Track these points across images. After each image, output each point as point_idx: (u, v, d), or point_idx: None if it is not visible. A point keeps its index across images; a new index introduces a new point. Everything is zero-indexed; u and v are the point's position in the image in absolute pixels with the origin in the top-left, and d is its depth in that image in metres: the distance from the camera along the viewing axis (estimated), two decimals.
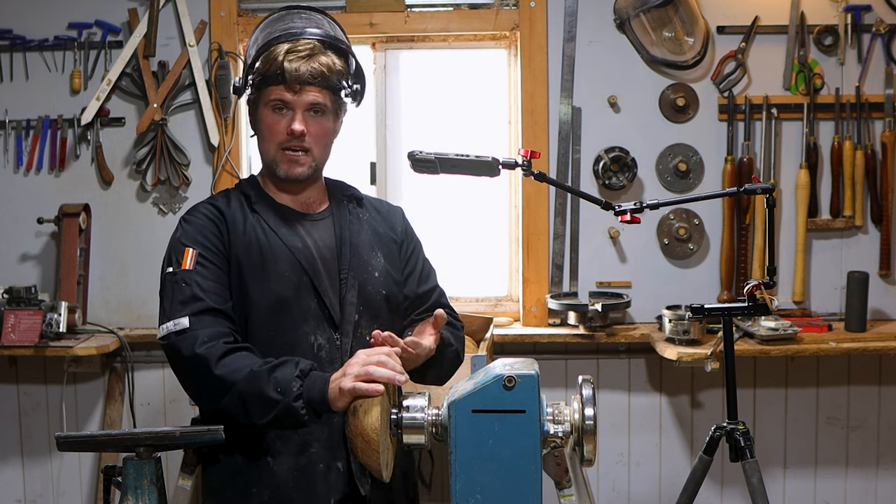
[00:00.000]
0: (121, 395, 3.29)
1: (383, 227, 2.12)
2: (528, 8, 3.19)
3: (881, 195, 3.19)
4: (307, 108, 1.95)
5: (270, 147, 1.98)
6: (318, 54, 1.95)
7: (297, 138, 1.95)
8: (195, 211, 2.00)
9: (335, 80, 1.98)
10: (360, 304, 1.98)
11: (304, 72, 1.92)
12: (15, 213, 3.28)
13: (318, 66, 1.94)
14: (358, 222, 2.07)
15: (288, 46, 1.94)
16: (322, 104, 1.97)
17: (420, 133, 3.36)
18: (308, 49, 1.94)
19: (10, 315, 3.01)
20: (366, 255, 2.03)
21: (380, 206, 2.18)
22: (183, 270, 1.88)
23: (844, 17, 3.17)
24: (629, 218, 2.23)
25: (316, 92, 1.95)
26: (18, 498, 3.37)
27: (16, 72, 3.24)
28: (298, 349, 1.90)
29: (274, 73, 1.93)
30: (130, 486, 1.71)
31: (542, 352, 3.24)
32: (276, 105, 1.95)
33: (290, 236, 1.97)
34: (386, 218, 2.14)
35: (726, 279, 3.22)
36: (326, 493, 1.92)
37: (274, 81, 1.94)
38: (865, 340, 3.00)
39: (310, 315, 1.92)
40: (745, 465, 2.40)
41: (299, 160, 1.97)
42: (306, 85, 1.93)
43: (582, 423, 1.52)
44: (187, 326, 1.83)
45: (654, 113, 3.22)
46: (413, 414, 1.56)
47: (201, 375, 1.81)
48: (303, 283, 1.93)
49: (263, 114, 1.98)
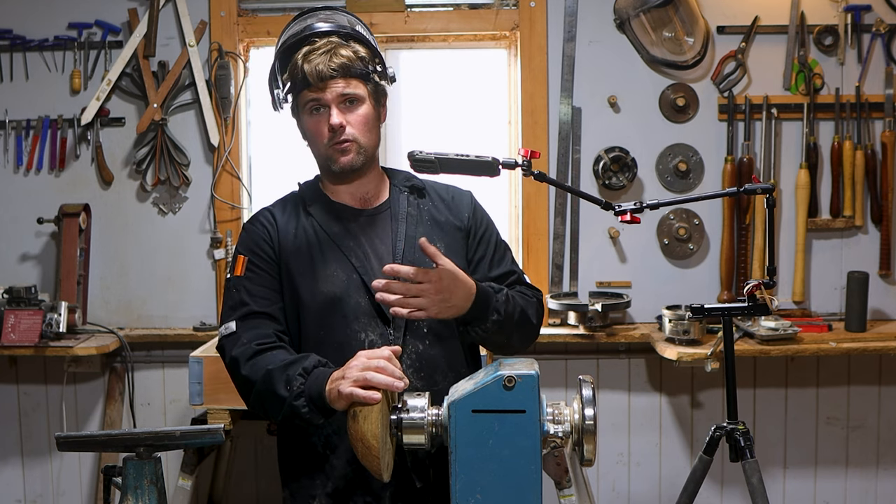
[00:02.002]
0: (121, 395, 3.29)
1: (446, 214, 2.10)
2: (528, 8, 3.19)
3: (881, 195, 3.19)
4: (340, 101, 1.97)
5: (320, 147, 2.00)
6: (337, 48, 1.96)
7: (338, 132, 1.96)
8: (254, 218, 2.07)
9: (359, 68, 1.98)
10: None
11: (324, 69, 1.94)
12: (15, 213, 3.28)
13: (338, 59, 1.95)
14: (417, 213, 2.07)
15: (307, 49, 1.96)
16: (353, 93, 1.97)
17: (420, 133, 3.36)
18: (325, 46, 1.96)
19: (10, 315, 3.01)
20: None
21: (445, 192, 2.16)
22: (235, 277, 1.97)
23: (844, 17, 3.17)
24: (629, 218, 2.23)
25: (343, 83, 1.96)
26: (18, 498, 3.37)
27: (16, 72, 3.24)
28: (349, 347, 1.90)
29: (298, 77, 1.96)
30: (130, 486, 1.71)
31: (542, 352, 3.24)
32: (312, 107, 1.98)
33: (342, 235, 2.00)
34: (451, 205, 2.13)
35: (726, 279, 3.22)
36: (381, 486, 1.92)
37: (301, 86, 1.97)
38: (865, 340, 3.00)
39: (360, 312, 1.94)
40: (745, 465, 2.40)
41: (347, 148, 1.98)
42: (330, 80, 1.95)
43: (582, 423, 1.52)
44: (234, 330, 1.90)
45: (654, 113, 3.22)
46: (413, 414, 1.55)
47: (235, 376, 1.90)
48: (353, 281, 1.95)
49: (305, 119, 2.01)
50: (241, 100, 3.24)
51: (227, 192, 3.23)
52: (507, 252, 2.16)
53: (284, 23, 2.09)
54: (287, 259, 1.98)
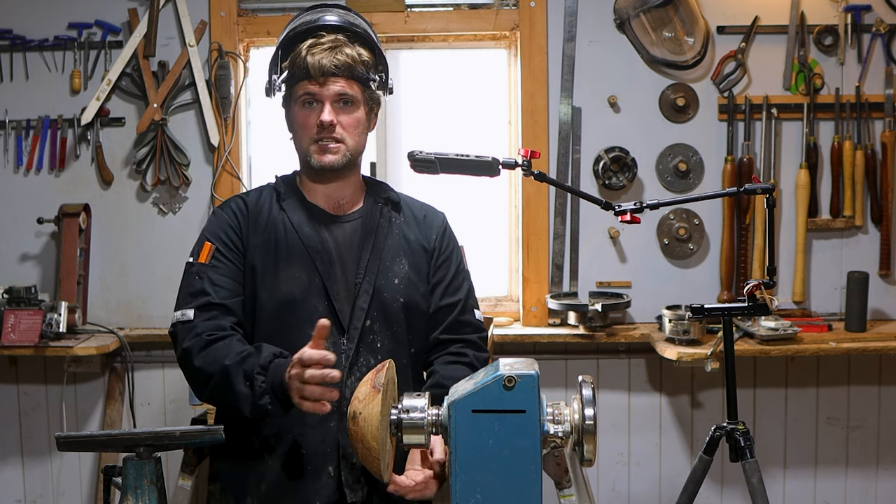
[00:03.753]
0: (121, 395, 3.29)
1: (416, 233, 2.09)
2: (528, 8, 3.19)
3: (881, 195, 3.19)
4: (335, 100, 1.96)
5: (304, 141, 1.99)
6: (343, 46, 1.96)
7: (327, 129, 1.95)
8: (225, 204, 2.06)
9: (361, 71, 1.98)
10: (372, 310, 1.97)
11: (327, 64, 1.93)
12: (15, 213, 3.28)
13: (342, 57, 1.95)
14: (388, 226, 2.06)
15: (311, 41, 1.96)
16: (350, 95, 1.97)
17: (420, 133, 3.36)
18: (331, 42, 1.96)
19: (10, 315, 3.01)
20: (388, 261, 2.01)
21: (419, 210, 2.14)
22: (199, 263, 1.95)
23: (844, 17, 3.17)
24: (629, 218, 2.23)
25: (342, 82, 1.96)
26: (18, 498, 3.37)
27: (16, 72, 3.24)
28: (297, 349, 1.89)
29: (299, 68, 1.95)
30: (130, 486, 1.71)
31: (542, 352, 3.24)
32: (305, 100, 1.97)
33: (310, 236, 1.98)
34: (421, 224, 2.11)
35: (726, 279, 3.22)
36: (312, 497, 1.93)
37: (300, 77, 1.96)
38: (865, 340, 3.00)
39: (316, 317, 1.87)
40: (745, 465, 2.40)
41: (331, 149, 1.97)
42: (331, 76, 1.94)
43: (582, 423, 1.52)
44: (191, 319, 1.89)
45: (654, 113, 3.22)
46: (413, 414, 1.55)
47: (187, 367, 1.89)
48: (313, 285, 1.93)
49: (295, 110, 2.00)
50: (241, 100, 3.24)
51: (226, 192, 3.22)
52: (465, 281, 2.12)
53: (284, 23, 2.09)
54: (252, 251, 1.97)
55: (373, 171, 3.32)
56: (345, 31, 2.00)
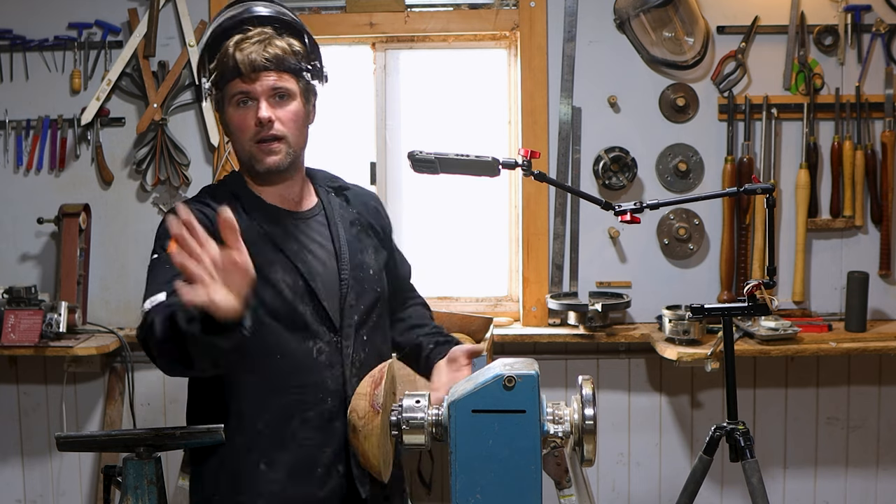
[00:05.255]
0: (121, 395, 3.29)
1: (368, 217, 2.07)
2: (528, 8, 3.19)
3: (881, 195, 3.19)
4: (270, 95, 1.87)
5: (244, 143, 1.89)
6: (272, 38, 1.87)
7: (266, 127, 1.87)
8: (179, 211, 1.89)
9: (294, 63, 1.89)
10: (359, 304, 1.94)
11: (257, 58, 1.84)
12: (15, 213, 3.28)
13: (273, 50, 1.86)
14: (349, 217, 2.02)
15: (238, 37, 1.87)
16: (285, 88, 1.88)
17: (420, 133, 3.36)
18: (259, 35, 1.87)
19: (10, 315, 3.01)
20: (360, 252, 1.99)
21: (363, 194, 2.12)
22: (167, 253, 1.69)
23: (844, 17, 3.17)
24: (629, 218, 2.23)
25: (275, 76, 1.86)
26: (18, 498, 3.37)
27: (16, 72, 3.24)
28: (297, 354, 1.86)
29: (228, 66, 1.86)
30: (130, 486, 1.71)
31: (542, 352, 3.24)
32: (239, 99, 1.87)
33: (285, 240, 1.91)
34: (368, 207, 2.09)
35: (726, 279, 3.22)
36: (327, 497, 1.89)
37: (231, 76, 1.86)
38: (865, 340, 3.00)
39: (306, 320, 1.87)
40: (745, 465, 2.40)
41: (274, 149, 1.88)
42: (263, 71, 1.85)
43: (582, 423, 1.52)
44: (163, 301, 1.70)
45: (654, 113, 3.22)
46: (413, 414, 1.55)
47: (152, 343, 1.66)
48: (298, 288, 1.87)
49: (229, 112, 1.90)
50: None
51: None
52: (400, 252, 2.21)
53: None
54: None
55: (373, 171, 3.32)
56: (272, 23, 1.90)
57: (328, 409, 1.89)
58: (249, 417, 1.86)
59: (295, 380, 1.86)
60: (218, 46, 1.89)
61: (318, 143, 3.35)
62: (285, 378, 1.86)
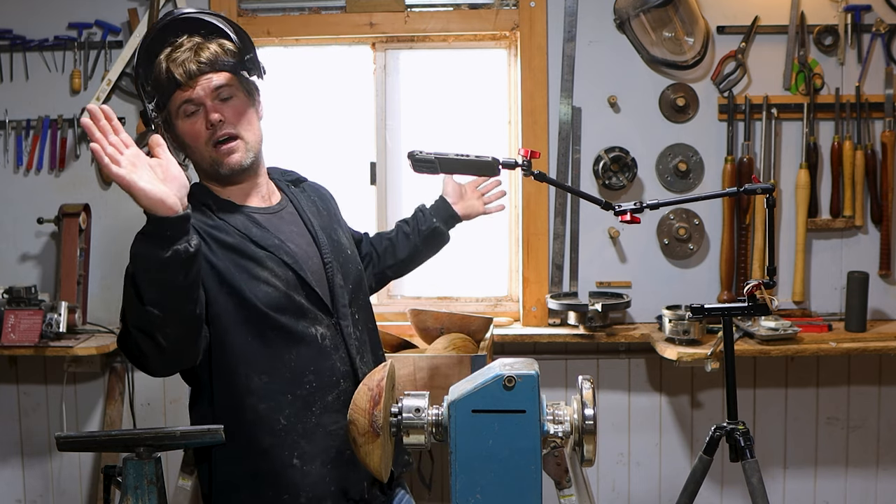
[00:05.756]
0: (121, 395, 3.29)
1: (327, 205, 2.17)
2: (528, 8, 3.19)
3: (881, 195, 3.19)
4: (214, 97, 1.90)
5: (202, 150, 1.93)
6: (202, 44, 1.90)
7: (217, 127, 1.89)
8: None
9: (229, 61, 1.91)
10: (348, 284, 2.02)
11: (192, 66, 1.87)
12: (15, 213, 3.28)
13: (206, 54, 1.89)
14: (314, 204, 2.10)
15: (168, 51, 1.89)
16: (224, 85, 1.91)
17: (420, 133, 3.36)
18: (188, 43, 1.89)
19: (10, 315, 3.01)
20: (335, 235, 2.07)
21: (314, 185, 2.22)
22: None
23: (844, 17, 3.17)
24: (629, 218, 2.23)
25: (212, 76, 1.89)
26: (18, 498, 3.37)
27: (16, 72, 3.24)
28: (304, 342, 1.90)
29: (166, 81, 1.88)
30: (130, 486, 1.71)
31: (542, 352, 3.24)
32: (185, 111, 1.90)
33: (265, 237, 1.94)
34: (323, 196, 2.19)
35: (726, 279, 3.22)
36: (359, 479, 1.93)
37: (170, 90, 1.89)
38: (865, 340, 2.99)
39: (304, 307, 1.92)
40: (745, 465, 2.40)
41: (232, 147, 1.92)
42: (200, 76, 1.88)
43: (582, 423, 1.52)
44: None
45: (654, 113, 3.22)
46: (413, 414, 1.55)
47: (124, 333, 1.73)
48: (290, 280, 1.91)
49: (179, 125, 1.92)
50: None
51: None
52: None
53: (285, 23, 2.07)
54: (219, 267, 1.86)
55: (373, 171, 3.32)
56: (198, 29, 1.92)
57: (343, 390, 1.94)
58: (269, 416, 1.88)
59: (309, 369, 1.91)
60: (150, 66, 1.91)
61: (318, 143, 3.38)
62: (299, 369, 1.90)
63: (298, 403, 1.90)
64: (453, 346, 2.77)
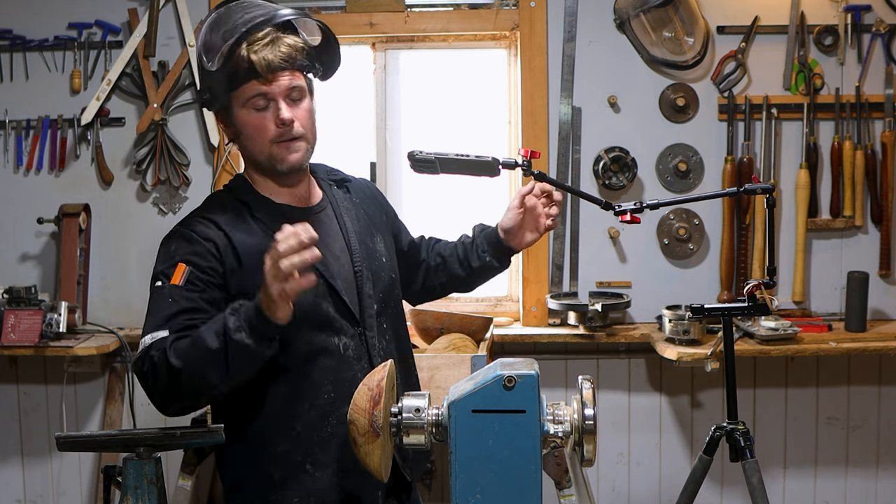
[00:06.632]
0: (121, 395, 3.29)
1: (371, 207, 2.09)
2: (528, 8, 3.19)
3: (881, 195, 3.19)
4: (286, 95, 1.87)
5: (263, 145, 1.88)
6: (281, 38, 1.85)
7: (288, 127, 1.87)
8: (192, 224, 1.89)
9: (303, 60, 1.89)
10: (377, 293, 1.95)
11: (272, 59, 1.82)
12: (15, 213, 3.28)
13: (285, 49, 1.84)
14: (354, 208, 2.03)
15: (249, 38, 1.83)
16: (299, 86, 1.89)
17: (420, 133, 3.36)
18: (267, 36, 1.84)
19: (10, 315, 3.01)
20: (370, 241, 2.00)
21: (361, 185, 2.15)
22: (172, 285, 1.81)
23: (844, 17, 3.17)
24: (629, 218, 2.23)
25: (290, 76, 1.86)
26: (18, 498, 3.37)
27: (16, 72, 3.24)
28: (326, 353, 1.86)
29: (243, 68, 1.83)
30: (130, 486, 1.71)
31: (542, 352, 3.24)
32: (255, 104, 1.86)
33: None
34: (368, 196, 2.13)
35: (726, 279, 3.22)
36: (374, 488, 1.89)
37: (245, 79, 1.84)
38: (865, 340, 3.00)
39: (330, 317, 1.87)
40: (745, 465, 2.40)
41: (295, 147, 1.89)
42: (279, 71, 1.84)
43: (582, 423, 1.52)
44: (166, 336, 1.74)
45: (654, 113, 3.22)
46: (413, 414, 1.55)
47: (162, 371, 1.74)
48: (320, 286, 1.84)
49: (243, 115, 1.88)
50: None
51: None
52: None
53: None
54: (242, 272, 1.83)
55: (373, 171, 3.32)
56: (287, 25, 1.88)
57: None
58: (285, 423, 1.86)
59: (328, 379, 1.87)
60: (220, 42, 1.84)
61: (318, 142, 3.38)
62: (319, 379, 1.86)
63: (315, 413, 1.86)
64: (453, 346, 2.77)
